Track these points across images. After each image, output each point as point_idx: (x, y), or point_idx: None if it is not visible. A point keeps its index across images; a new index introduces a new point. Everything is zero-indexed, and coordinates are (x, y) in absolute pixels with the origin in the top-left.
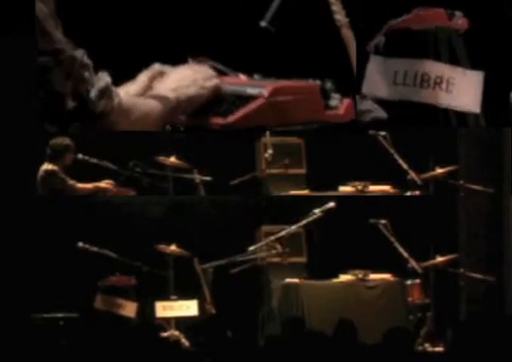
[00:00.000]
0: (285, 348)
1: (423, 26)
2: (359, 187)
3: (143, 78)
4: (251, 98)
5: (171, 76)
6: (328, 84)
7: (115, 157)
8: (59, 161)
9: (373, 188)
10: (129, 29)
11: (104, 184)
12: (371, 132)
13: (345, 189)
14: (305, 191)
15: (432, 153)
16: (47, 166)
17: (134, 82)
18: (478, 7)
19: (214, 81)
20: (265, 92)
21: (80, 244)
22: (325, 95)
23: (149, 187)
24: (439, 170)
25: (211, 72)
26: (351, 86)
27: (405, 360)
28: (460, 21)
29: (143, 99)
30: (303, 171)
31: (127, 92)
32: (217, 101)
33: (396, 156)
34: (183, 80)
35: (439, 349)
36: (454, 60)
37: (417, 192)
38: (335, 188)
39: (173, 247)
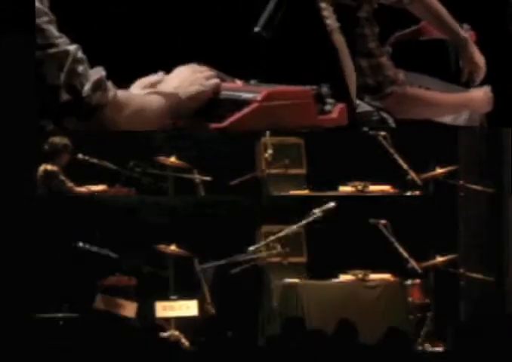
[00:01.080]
0: (285, 348)
1: (430, 37)
2: (359, 187)
3: (146, 82)
4: (245, 103)
5: (172, 76)
6: (325, 89)
7: (115, 158)
8: (56, 160)
9: (373, 188)
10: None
11: (99, 188)
12: (371, 132)
13: (345, 189)
14: (305, 191)
15: (432, 153)
16: (45, 166)
17: (139, 84)
18: (486, 20)
19: (214, 81)
20: (259, 97)
21: (80, 244)
22: (321, 100)
23: (150, 187)
24: (439, 170)
25: (210, 71)
26: (343, 90)
27: (405, 360)
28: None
29: (140, 94)
30: (303, 171)
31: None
32: (213, 104)
33: (396, 156)
34: (185, 79)
35: (439, 349)
36: (459, 71)
37: (417, 192)
38: (335, 188)
39: (173, 247)
